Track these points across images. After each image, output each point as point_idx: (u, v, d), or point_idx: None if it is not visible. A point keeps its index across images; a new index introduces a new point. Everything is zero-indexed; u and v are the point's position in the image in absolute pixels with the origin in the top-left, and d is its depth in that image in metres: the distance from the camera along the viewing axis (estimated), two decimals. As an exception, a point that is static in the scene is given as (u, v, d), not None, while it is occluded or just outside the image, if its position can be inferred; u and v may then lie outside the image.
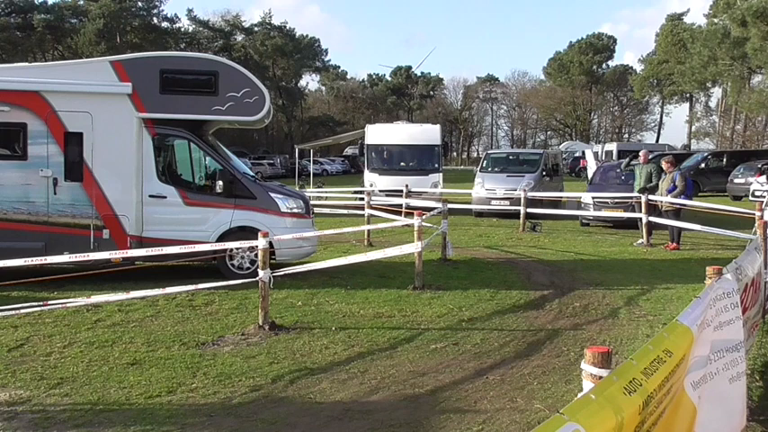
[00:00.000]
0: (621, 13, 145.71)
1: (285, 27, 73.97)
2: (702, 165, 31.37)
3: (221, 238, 9.79)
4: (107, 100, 9.70)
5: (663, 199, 13.55)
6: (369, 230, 14.03)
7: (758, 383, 5.37)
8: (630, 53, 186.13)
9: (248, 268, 9.83)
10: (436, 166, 23.23)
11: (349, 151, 61.34)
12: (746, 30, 42.61)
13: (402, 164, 23.47)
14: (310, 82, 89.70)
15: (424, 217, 9.92)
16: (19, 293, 8.12)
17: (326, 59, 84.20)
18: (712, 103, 69.73)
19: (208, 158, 10.42)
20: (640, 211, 14.22)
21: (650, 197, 13.96)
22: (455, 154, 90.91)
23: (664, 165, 13.99)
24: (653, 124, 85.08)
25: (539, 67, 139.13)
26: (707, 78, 57.33)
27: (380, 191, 20.84)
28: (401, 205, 16.20)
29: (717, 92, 66.08)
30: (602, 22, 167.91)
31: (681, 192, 13.60)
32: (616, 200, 16.84)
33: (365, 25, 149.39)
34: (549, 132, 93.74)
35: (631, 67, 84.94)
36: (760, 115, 51.38)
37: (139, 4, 63.95)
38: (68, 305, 7.36)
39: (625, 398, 2.25)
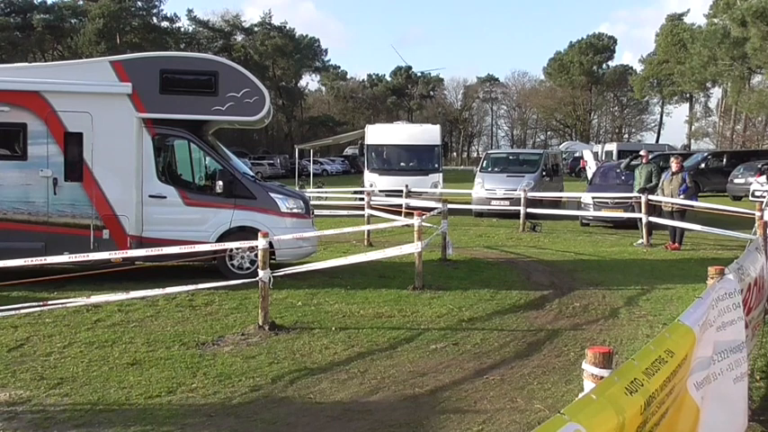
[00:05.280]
0: (619, 13, 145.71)
1: (285, 27, 73.99)
2: (702, 165, 31.36)
3: (221, 239, 9.78)
4: (107, 100, 9.70)
5: (672, 200, 13.45)
6: (369, 230, 14.02)
7: (759, 384, 5.36)
8: (629, 53, 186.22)
9: (248, 268, 9.83)
10: (436, 166, 23.23)
11: (349, 151, 61.31)
12: (746, 30, 42.60)
13: (402, 164, 23.46)
14: (310, 82, 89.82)
15: (424, 217, 9.91)
16: (19, 293, 8.11)
17: (326, 59, 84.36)
18: (712, 104, 69.84)
19: (208, 158, 10.41)
20: (640, 212, 14.21)
21: (651, 197, 13.94)
22: (455, 154, 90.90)
23: (674, 165, 13.83)
24: (653, 124, 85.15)
25: (539, 67, 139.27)
26: (707, 78, 57.33)
27: (380, 191, 20.83)
28: (401, 205, 16.19)
29: (717, 92, 66.20)
30: (600, 22, 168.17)
31: (694, 192, 13.55)
32: (616, 200, 16.84)
33: (363, 24, 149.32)
34: (549, 132, 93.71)
35: (631, 68, 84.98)
36: (760, 115, 51.37)
37: (139, 3, 63.92)
38: (68, 305, 7.36)
39: (626, 398, 2.25)
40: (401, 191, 18.18)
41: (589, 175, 23.91)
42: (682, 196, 13.37)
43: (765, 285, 5.57)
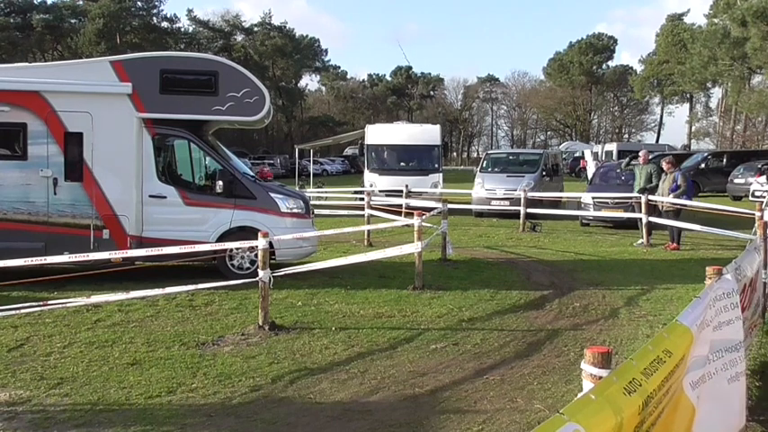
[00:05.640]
0: (617, 12, 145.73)
1: (285, 27, 74.04)
2: (702, 165, 31.37)
3: (221, 239, 9.79)
4: (107, 100, 9.70)
5: (664, 199, 13.53)
6: (369, 230, 14.03)
7: (757, 383, 5.36)
8: (627, 52, 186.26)
9: (248, 268, 9.83)
10: (436, 166, 23.23)
11: (349, 151, 61.29)
12: (746, 30, 42.61)
13: (402, 164, 23.46)
14: (310, 82, 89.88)
15: (424, 217, 9.92)
16: (19, 293, 8.12)
17: (326, 59, 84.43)
18: (712, 104, 69.86)
19: (208, 158, 10.42)
20: (640, 212, 14.23)
21: (650, 197, 13.96)
22: (455, 154, 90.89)
23: (664, 165, 14.00)
24: (653, 124, 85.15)
25: (539, 68, 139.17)
26: (707, 78, 57.34)
27: (380, 191, 20.84)
28: (401, 205, 16.20)
29: (717, 92, 66.23)
30: (597, 22, 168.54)
31: (684, 191, 13.61)
32: (616, 200, 16.85)
33: (362, 24, 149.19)
34: (549, 132, 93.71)
35: (631, 68, 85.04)
36: (760, 115, 51.38)
37: (139, 4, 64.00)
38: (68, 305, 7.36)
39: (625, 398, 2.26)
40: (401, 191, 18.18)
41: (589, 175, 23.92)
42: (671, 195, 13.43)
43: (758, 284, 5.58)
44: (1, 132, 9.67)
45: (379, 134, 24.14)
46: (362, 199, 17.22)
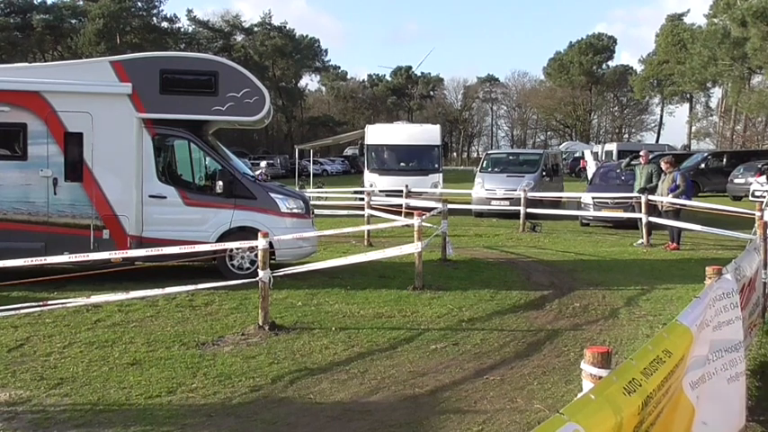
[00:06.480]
0: (616, 12, 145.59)
1: (285, 27, 74.04)
2: (702, 165, 31.37)
3: (221, 239, 9.79)
4: (107, 100, 9.71)
5: (664, 199, 13.55)
6: (369, 230, 14.03)
7: (757, 383, 5.36)
8: (626, 52, 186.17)
9: (248, 268, 9.83)
10: (436, 166, 23.25)
11: (349, 151, 61.32)
12: (746, 30, 42.65)
13: (402, 164, 23.47)
14: (310, 82, 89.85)
15: (424, 217, 9.92)
16: (19, 293, 8.12)
17: (326, 59, 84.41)
18: (712, 104, 69.86)
19: (208, 158, 10.42)
20: (640, 212, 14.23)
21: (650, 197, 13.96)
22: (455, 154, 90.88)
23: (663, 165, 14.01)
24: (653, 124, 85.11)
25: (539, 68, 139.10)
26: (707, 79, 57.36)
27: (380, 191, 20.84)
28: (401, 205, 16.20)
29: (717, 92, 66.25)
30: (597, 22, 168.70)
31: (683, 191, 13.62)
32: (616, 200, 16.86)
33: (358, 21, 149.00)
34: (549, 132, 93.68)
35: (631, 68, 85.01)
36: (760, 115, 51.38)
37: (139, 4, 63.98)
38: (68, 305, 7.36)
39: (624, 398, 2.26)
40: (401, 191, 18.19)
41: (589, 175, 23.92)
42: (671, 195, 13.45)
43: (757, 284, 5.57)
44: (1, 132, 9.68)
45: (379, 134, 24.15)
46: (362, 199, 17.22)
